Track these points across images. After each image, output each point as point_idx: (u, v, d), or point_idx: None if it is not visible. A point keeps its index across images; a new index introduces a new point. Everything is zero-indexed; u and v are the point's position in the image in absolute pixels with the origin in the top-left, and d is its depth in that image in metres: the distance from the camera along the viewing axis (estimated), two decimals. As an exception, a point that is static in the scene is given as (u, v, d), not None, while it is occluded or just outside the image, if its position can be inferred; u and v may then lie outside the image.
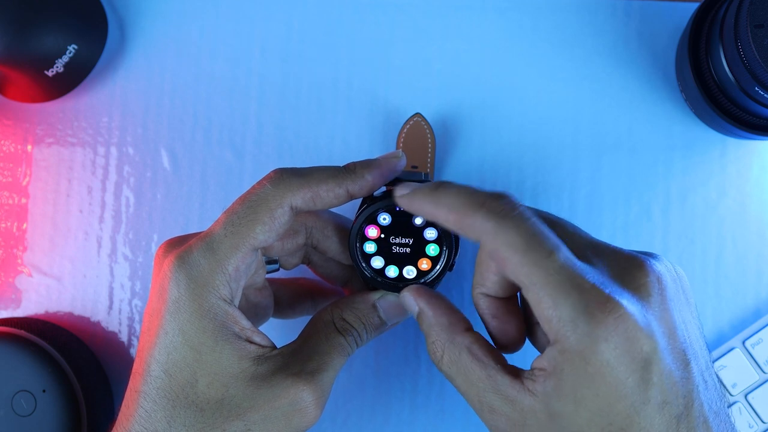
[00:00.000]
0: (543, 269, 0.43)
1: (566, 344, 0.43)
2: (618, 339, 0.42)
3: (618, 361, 0.42)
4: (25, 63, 0.62)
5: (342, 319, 0.52)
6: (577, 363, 0.43)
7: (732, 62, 0.55)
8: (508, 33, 0.65)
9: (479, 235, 0.45)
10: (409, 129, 0.63)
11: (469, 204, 0.46)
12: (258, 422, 0.48)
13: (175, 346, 0.48)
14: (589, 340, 0.42)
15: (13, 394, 0.59)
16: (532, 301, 0.44)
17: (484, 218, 0.45)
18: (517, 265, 0.44)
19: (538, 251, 0.44)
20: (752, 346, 0.62)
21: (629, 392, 0.42)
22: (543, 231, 0.44)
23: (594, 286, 0.43)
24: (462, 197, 0.46)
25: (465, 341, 0.48)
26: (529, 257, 0.44)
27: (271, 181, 0.49)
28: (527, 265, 0.43)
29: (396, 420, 0.64)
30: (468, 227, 0.46)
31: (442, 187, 0.47)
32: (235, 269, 0.48)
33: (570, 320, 0.42)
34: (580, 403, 0.43)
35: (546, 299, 0.43)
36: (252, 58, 0.66)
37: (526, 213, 0.45)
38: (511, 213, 0.45)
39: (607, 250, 0.47)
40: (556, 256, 0.44)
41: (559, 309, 0.43)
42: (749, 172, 0.64)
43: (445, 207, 0.46)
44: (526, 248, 0.44)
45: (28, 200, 0.66)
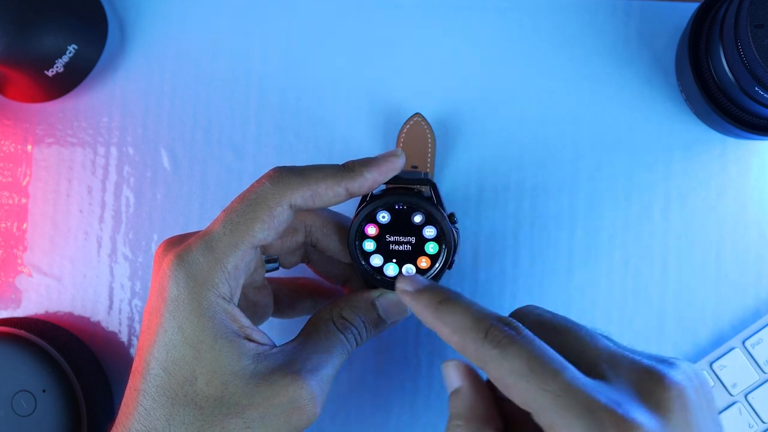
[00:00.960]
0: (550, 392, 0.41)
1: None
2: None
3: None
4: (25, 63, 0.62)
5: (341, 317, 0.52)
6: None
7: (732, 62, 0.55)
8: (508, 33, 0.65)
9: (482, 364, 0.44)
10: (409, 129, 0.63)
11: (473, 329, 0.45)
12: (257, 420, 0.48)
13: (175, 344, 0.48)
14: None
15: (13, 394, 0.59)
16: (544, 426, 0.42)
17: (489, 346, 0.44)
18: (523, 391, 0.42)
19: (543, 374, 0.42)
20: (752, 346, 0.62)
21: None
22: (546, 353, 0.43)
23: (607, 406, 0.40)
24: (467, 320, 0.45)
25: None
26: (533, 382, 0.42)
27: (271, 180, 0.49)
28: (531, 390, 0.42)
29: (396, 420, 0.64)
30: (470, 354, 0.45)
31: (447, 302, 0.46)
32: (235, 267, 0.48)
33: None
34: None
35: (558, 422, 0.41)
36: (252, 58, 0.66)
37: (529, 337, 0.44)
38: (514, 340, 0.43)
39: (623, 362, 0.44)
40: (562, 377, 0.42)
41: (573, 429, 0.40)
42: (749, 172, 0.64)
43: (449, 326, 0.46)
44: (530, 373, 0.42)
45: (28, 200, 0.66)
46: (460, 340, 0.45)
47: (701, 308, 0.63)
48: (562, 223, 0.64)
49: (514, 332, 0.44)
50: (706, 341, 0.63)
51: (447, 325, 0.46)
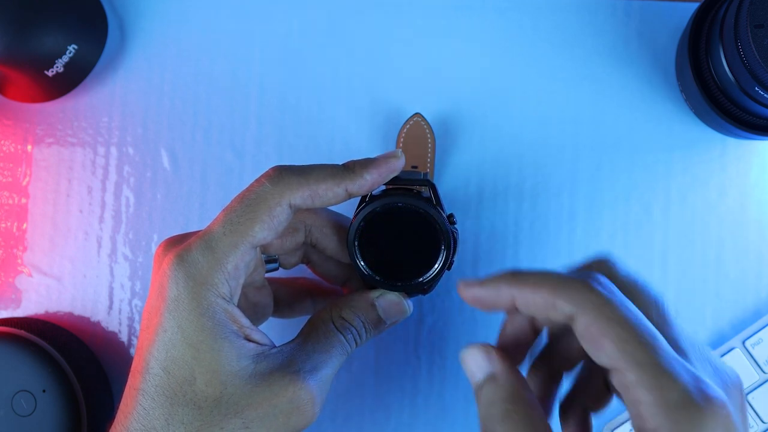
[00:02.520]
0: (649, 348, 0.41)
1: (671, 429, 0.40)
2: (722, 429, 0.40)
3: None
4: (25, 63, 0.62)
5: (341, 317, 0.52)
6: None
7: (732, 62, 0.55)
8: (508, 33, 0.65)
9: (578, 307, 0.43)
10: (409, 129, 0.63)
11: (565, 278, 0.44)
12: (256, 420, 0.48)
13: (174, 343, 0.48)
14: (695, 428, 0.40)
15: (13, 394, 0.59)
16: (630, 381, 0.41)
17: (588, 291, 0.43)
18: (622, 341, 0.42)
19: (643, 331, 0.42)
20: (752, 346, 0.62)
21: None
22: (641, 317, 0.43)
23: (697, 378, 0.41)
24: (553, 277, 0.44)
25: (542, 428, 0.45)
26: (632, 334, 0.42)
27: (270, 179, 0.49)
28: (633, 341, 0.42)
29: (396, 420, 0.64)
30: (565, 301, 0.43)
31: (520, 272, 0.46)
32: (234, 267, 0.48)
33: (677, 407, 0.40)
34: None
35: (651, 381, 0.41)
36: (252, 58, 0.66)
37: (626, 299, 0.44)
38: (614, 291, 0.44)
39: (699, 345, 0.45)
40: (660, 344, 0.42)
41: (668, 392, 0.41)
42: (749, 172, 0.64)
43: (533, 283, 0.45)
44: (632, 325, 0.42)
45: (28, 200, 0.66)
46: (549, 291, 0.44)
47: (701, 308, 0.63)
48: (562, 223, 0.64)
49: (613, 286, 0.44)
50: (706, 341, 0.63)
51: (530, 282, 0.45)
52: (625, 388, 0.42)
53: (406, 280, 0.52)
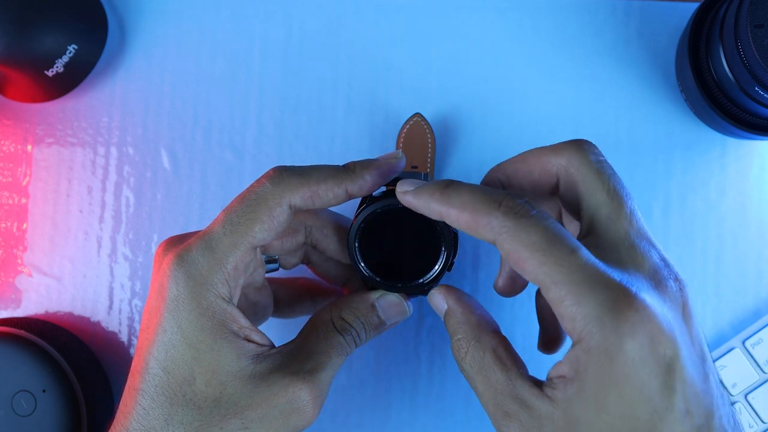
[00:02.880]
0: (565, 267, 0.42)
1: (591, 342, 0.42)
2: (644, 338, 0.41)
3: (643, 361, 0.41)
4: (25, 63, 0.62)
5: (341, 318, 0.52)
6: (602, 362, 0.42)
7: (732, 62, 0.55)
8: (508, 33, 0.65)
9: (495, 236, 0.44)
10: (409, 129, 0.63)
11: (485, 203, 0.45)
12: (255, 420, 0.48)
13: (174, 343, 0.48)
14: (615, 337, 0.41)
15: (13, 394, 0.59)
16: (554, 299, 0.43)
17: (503, 217, 0.44)
18: (537, 264, 0.43)
19: (560, 249, 0.43)
20: (752, 346, 0.62)
21: (653, 396, 0.41)
22: (562, 231, 0.44)
23: (620, 284, 0.42)
24: (477, 196, 0.45)
25: (491, 342, 0.47)
26: (549, 255, 0.43)
27: (270, 180, 0.49)
28: (548, 263, 0.43)
29: (396, 420, 0.64)
30: (483, 227, 0.45)
31: (452, 185, 0.47)
32: (234, 268, 0.48)
33: (596, 317, 0.42)
34: (603, 407, 0.42)
35: (569, 297, 0.42)
36: (252, 58, 0.66)
37: (545, 213, 0.44)
38: (529, 212, 0.44)
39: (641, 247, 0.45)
40: (579, 254, 0.43)
41: (584, 306, 0.42)
42: (749, 172, 0.64)
43: (458, 206, 0.46)
44: (547, 246, 0.43)
45: (28, 200, 0.66)
46: (471, 217, 0.45)
47: (701, 308, 0.63)
48: (562, 223, 0.64)
49: (529, 206, 0.44)
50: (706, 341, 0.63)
51: (456, 205, 0.46)
52: (552, 304, 0.43)
53: (407, 281, 0.52)
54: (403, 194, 0.49)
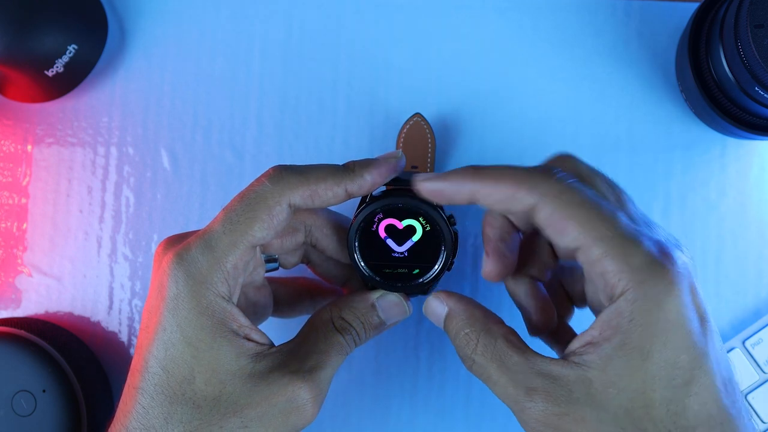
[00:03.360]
0: (609, 223, 0.44)
1: (639, 291, 0.43)
2: (686, 289, 0.43)
3: (687, 309, 0.43)
4: (25, 63, 0.62)
5: (341, 318, 0.52)
6: (650, 310, 0.43)
7: (732, 62, 0.55)
8: (508, 33, 0.65)
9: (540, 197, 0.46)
10: (409, 129, 0.63)
11: (524, 172, 0.47)
12: (255, 419, 0.48)
13: (173, 342, 0.48)
14: (663, 286, 0.43)
15: (13, 394, 0.59)
16: (595, 256, 0.44)
17: (549, 182, 0.46)
18: (585, 220, 0.45)
19: (603, 212, 0.45)
20: (752, 346, 0.62)
21: (695, 344, 0.43)
22: (598, 197, 0.46)
23: (659, 241, 0.45)
24: (515, 168, 0.47)
25: (501, 330, 0.49)
26: (593, 213, 0.45)
27: (270, 179, 0.49)
28: (593, 220, 0.45)
29: (396, 420, 0.64)
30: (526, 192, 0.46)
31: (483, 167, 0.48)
32: (234, 267, 0.48)
33: (646, 267, 0.43)
34: (648, 355, 0.43)
35: (615, 251, 0.44)
36: (252, 58, 0.66)
37: (579, 183, 0.47)
38: (568, 179, 0.46)
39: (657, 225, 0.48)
40: (620, 216, 0.45)
41: (634, 257, 0.44)
42: (749, 172, 0.64)
43: (494, 178, 0.47)
44: (591, 206, 0.45)
45: (28, 200, 0.66)
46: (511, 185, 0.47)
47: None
48: (562, 223, 0.64)
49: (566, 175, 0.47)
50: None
51: (492, 177, 0.47)
52: (591, 263, 0.45)
53: (407, 281, 0.52)
54: (425, 181, 0.49)
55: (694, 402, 0.43)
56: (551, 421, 0.45)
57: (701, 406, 0.43)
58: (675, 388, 0.43)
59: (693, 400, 0.43)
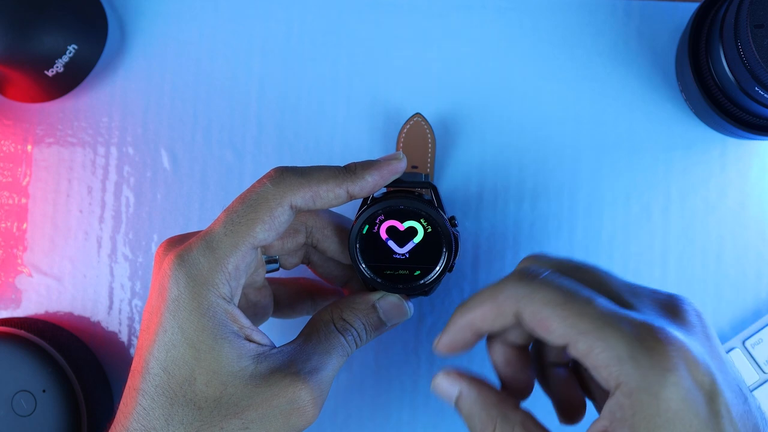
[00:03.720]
0: (587, 316, 0.43)
1: (632, 383, 0.42)
2: (682, 369, 0.41)
3: (687, 392, 0.41)
4: (25, 63, 0.62)
5: (342, 319, 0.52)
6: (647, 402, 0.41)
7: (732, 62, 0.55)
8: (508, 33, 0.65)
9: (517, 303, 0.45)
10: (409, 129, 0.63)
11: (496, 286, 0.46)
12: (256, 421, 0.48)
13: (174, 343, 0.48)
14: (653, 374, 0.41)
15: (13, 394, 0.60)
16: (582, 351, 0.43)
17: (519, 284, 0.45)
18: (560, 318, 0.43)
19: (577, 301, 0.43)
20: (752, 346, 0.62)
21: (703, 427, 0.41)
22: (574, 285, 0.45)
23: (643, 322, 0.43)
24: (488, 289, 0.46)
25: (518, 417, 0.47)
26: (570, 308, 0.43)
27: (272, 180, 0.49)
28: (570, 316, 0.43)
29: (396, 420, 0.64)
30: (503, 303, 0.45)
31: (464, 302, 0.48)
32: (235, 268, 0.48)
33: (629, 357, 0.42)
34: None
35: (598, 344, 0.42)
36: (252, 58, 0.66)
37: (552, 275, 0.45)
38: (539, 276, 0.45)
39: (644, 291, 0.46)
40: (596, 303, 0.44)
41: (615, 349, 0.42)
42: (749, 172, 0.64)
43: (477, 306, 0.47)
44: (565, 301, 0.44)
45: (28, 200, 0.66)
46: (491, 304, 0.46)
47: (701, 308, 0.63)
48: (562, 224, 0.64)
49: (536, 272, 0.45)
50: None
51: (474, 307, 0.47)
52: (582, 357, 0.43)
53: (408, 283, 0.52)
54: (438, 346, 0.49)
55: None
56: None
57: None
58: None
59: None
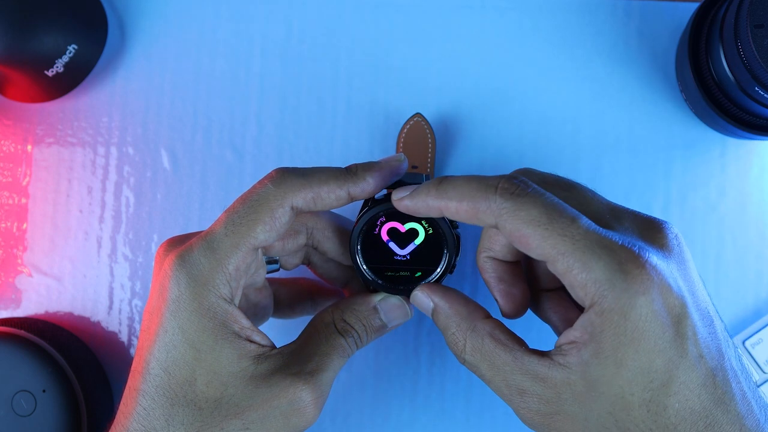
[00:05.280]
0: (569, 237, 0.44)
1: (605, 304, 0.43)
2: (654, 293, 0.43)
3: (655, 315, 0.43)
4: (25, 63, 0.62)
5: (343, 320, 0.52)
6: (616, 321, 0.43)
7: (732, 62, 0.55)
8: (508, 33, 0.65)
9: (497, 218, 0.46)
10: (409, 129, 0.63)
11: (481, 189, 0.46)
12: (256, 421, 0.48)
13: (175, 344, 0.48)
14: (627, 296, 0.43)
15: (13, 394, 0.60)
16: (561, 270, 0.44)
17: (501, 199, 0.45)
18: (541, 238, 0.44)
19: (560, 221, 0.44)
20: (752, 346, 0.62)
21: (668, 346, 0.43)
22: (560, 203, 0.45)
23: (623, 246, 0.44)
24: (472, 184, 0.47)
25: (486, 327, 0.49)
26: (552, 229, 0.44)
27: (273, 181, 0.49)
28: (552, 236, 0.44)
29: (396, 420, 0.64)
30: (483, 212, 0.46)
31: (446, 180, 0.48)
32: (236, 268, 0.48)
33: (606, 280, 0.43)
34: (621, 363, 0.44)
35: (577, 264, 0.44)
36: (252, 58, 0.66)
37: (540, 189, 0.46)
38: (526, 191, 0.45)
39: (626, 213, 0.48)
40: (579, 223, 0.44)
41: (593, 271, 0.43)
42: (749, 172, 0.64)
43: (455, 197, 0.47)
44: (548, 220, 0.44)
45: (28, 200, 0.66)
46: (470, 205, 0.46)
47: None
48: (562, 223, 0.64)
49: (524, 184, 0.46)
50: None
51: (454, 197, 0.47)
52: (560, 275, 0.45)
53: (409, 284, 0.52)
54: (399, 201, 0.50)
55: (674, 401, 0.44)
56: (544, 420, 0.46)
57: (682, 403, 0.44)
58: (653, 390, 0.44)
59: (673, 399, 0.44)
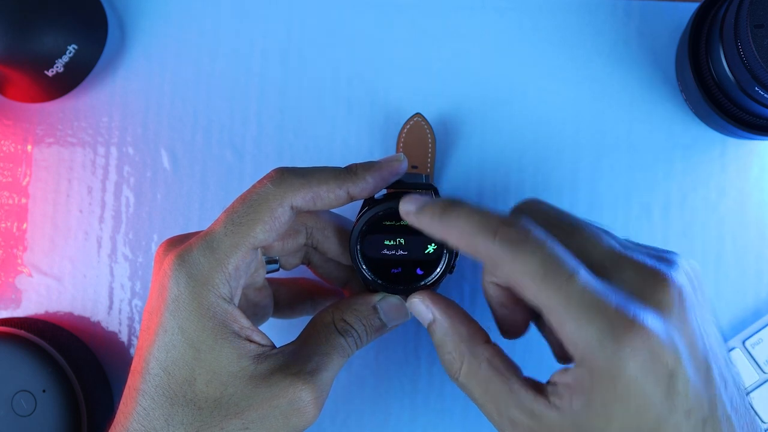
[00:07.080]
0: (564, 294, 0.43)
1: (594, 365, 0.43)
2: (644, 357, 0.42)
3: (645, 377, 0.42)
4: (25, 63, 0.62)
5: (343, 320, 0.52)
6: (606, 382, 0.43)
7: (732, 62, 0.55)
8: (508, 33, 0.65)
9: (494, 264, 0.45)
10: (409, 129, 0.63)
11: (482, 230, 0.45)
12: (256, 421, 0.48)
13: (175, 344, 0.48)
14: (616, 360, 0.42)
15: (13, 394, 0.59)
16: (554, 323, 0.44)
17: (500, 247, 0.45)
18: (537, 291, 0.44)
19: (557, 276, 0.43)
20: (752, 346, 0.62)
21: (657, 404, 0.43)
22: (560, 255, 0.44)
23: (617, 310, 0.43)
24: (474, 221, 0.46)
25: (486, 353, 0.48)
26: (548, 283, 0.43)
27: (273, 181, 0.49)
28: (546, 290, 0.43)
29: (396, 420, 0.64)
30: (482, 254, 0.46)
31: (451, 208, 0.47)
32: (235, 268, 0.48)
33: (597, 342, 0.42)
34: (611, 418, 0.43)
35: (570, 322, 0.43)
36: (252, 58, 0.66)
37: (541, 237, 0.45)
38: (526, 239, 0.44)
39: (628, 262, 0.46)
40: (576, 280, 0.43)
41: (585, 332, 0.43)
42: (749, 172, 0.64)
43: (456, 231, 0.46)
44: (545, 275, 0.44)
45: (28, 200, 0.66)
46: (469, 243, 0.46)
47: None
48: (562, 223, 0.64)
49: (525, 232, 0.45)
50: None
51: (454, 230, 0.47)
52: (553, 327, 0.44)
53: (409, 284, 0.52)
54: (405, 214, 0.49)
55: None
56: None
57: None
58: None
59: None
